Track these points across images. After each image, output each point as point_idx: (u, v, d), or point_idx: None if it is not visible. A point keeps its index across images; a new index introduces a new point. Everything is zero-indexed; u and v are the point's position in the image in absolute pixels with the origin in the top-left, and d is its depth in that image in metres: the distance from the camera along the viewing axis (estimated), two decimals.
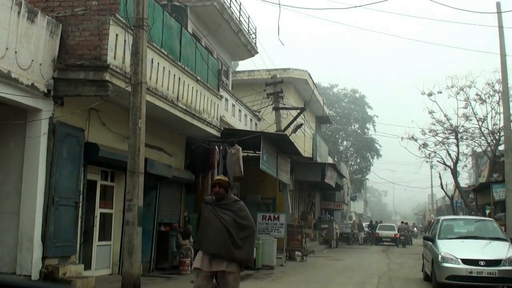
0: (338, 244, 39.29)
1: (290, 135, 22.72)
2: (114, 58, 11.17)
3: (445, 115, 29.75)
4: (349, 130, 69.13)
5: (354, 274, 17.45)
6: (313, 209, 36.75)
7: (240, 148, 16.59)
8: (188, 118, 15.51)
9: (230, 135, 17.61)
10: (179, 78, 14.70)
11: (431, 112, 29.84)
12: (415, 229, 54.64)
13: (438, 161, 31.22)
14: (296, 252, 22.92)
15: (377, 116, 69.61)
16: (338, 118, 68.68)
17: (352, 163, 68.82)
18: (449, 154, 30.82)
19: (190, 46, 15.73)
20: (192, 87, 15.67)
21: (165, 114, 14.61)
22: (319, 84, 66.05)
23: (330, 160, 33.95)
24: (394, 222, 76.56)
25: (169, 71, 14.00)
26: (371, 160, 68.92)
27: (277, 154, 20.99)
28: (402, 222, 42.14)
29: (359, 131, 69.02)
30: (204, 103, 16.70)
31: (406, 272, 18.79)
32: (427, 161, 69.89)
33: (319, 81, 69.98)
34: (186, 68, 15.05)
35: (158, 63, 13.27)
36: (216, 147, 15.69)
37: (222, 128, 18.01)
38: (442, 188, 38.99)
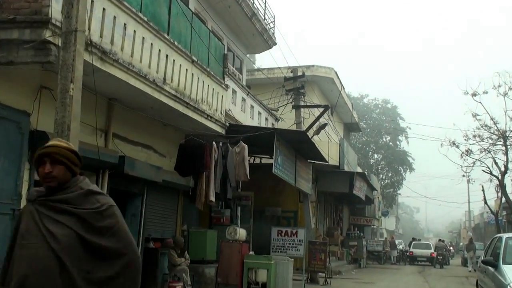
0: (368, 263, 35.67)
1: (312, 137, 19.47)
2: (61, 12, 8.16)
3: (492, 118, 26.15)
4: (380, 142, 65.55)
5: None
6: (340, 225, 33.29)
7: (246, 146, 13.42)
8: (180, 108, 12.44)
9: (236, 132, 14.45)
10: (167, 56, 11.64)
11: (475, 116, 26.26)
12: (451, 248, 50.53)
13: (483, 170, 27.52)
14: (319, 274, 19.57)
15: (409, 128, 65.92)
16: (368, 130, 65.43)
17: (383, 177, 65.16)
18: (496, 163, 27.10)
19: (183, 19, 12.68)
20: (186, 70, 12.60)
21: (149, 100, 11.58)
22: (349, 94, 62.95)
23: (359, 170, 30.50)
24: (426, 240, 72.04)
25: (152, 44, 10.94)
26: (403, 174, 65.17)
27: (296, 158, 17.76)
28: (440, 240, 38.28)
29: (390, 143, 65.42)
30: (203, 91, 13.62)
31: None
32: (464, 175, 65.85)
33: (349, 91, 66.78)
34: (177, 44, 12.00)
35: (134, 31, 10.22)
36: (214, 142, 12.53)
37: (228, 124, 14.92)
38: (486, 203, 35.16)
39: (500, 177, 26.65)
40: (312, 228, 20.50)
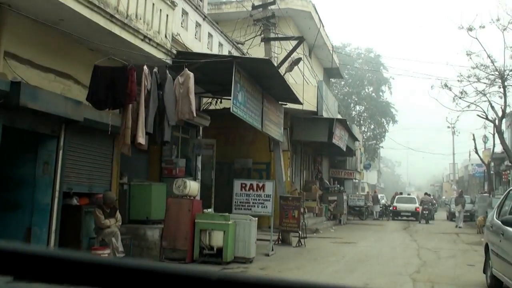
0: (349, 219, 33.30)
1: (284, 74, 16.47)
2: None
3: (489, 56, 23.18)
4: (362, 94, 62.77)
5: (373, 273, 11.41)
6: (319, 178, 30.66)
7: (192, 75, 10.35)
8: (101, 21, 9.35)
9: (185, 60, 11.38)
10: None
11: (469, 54, 23.29)
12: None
13: (478, 115, 24.70)
14: (292, 234, 16.91)
15: (393, 78, 63.24)
16: (350, 81, 62.61)
17: (366, 130, 62.78)
18: (492, 107, 24.31)
19: None
20: None
21: (53, 6, 8.48)
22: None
23: (339, 117, 27.65)
24: (408, 194, 70.28)
25: None
26: (386, 126, 62.83)
27: (263, 97, 14.81)
28: (426, 193, 35.89)
29: (373, 94, 62.75)
30: (137, 5, 10.52)
31: (450, 268, 12.65)
32: (449, 126, 63.46)
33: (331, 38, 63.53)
34: None
35: None
36: (145, 67, 9.45)
37: (175, 52, 11.85)
38: (477, 152, 32.76)
39: (497, 122, 23.88)
40: (284, 181, 17.69)
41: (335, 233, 22.85)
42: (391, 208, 37.05)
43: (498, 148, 32.59)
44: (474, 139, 32.66)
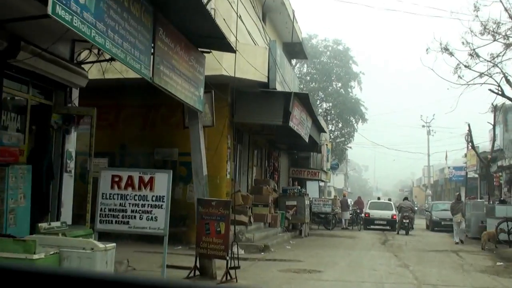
0: (312, 229, 27.07)
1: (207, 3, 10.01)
2: None
3: (506, 9, 16.77)
4: (329, 89, 56.78)
5: None
6: (275, 178, 24.36)
7: None
8: None
9: None
10: None
11: (477, 9, 16.99)
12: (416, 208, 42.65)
13: (490, 90, 18.31)
14: (215, 262, 10.50)
15: (363, 73, 57.60)
16: (316, 76, 56.73)
17: (333, 129, 56.99)
18: (508, 80, 17.86)
19: None
20: None
21: None
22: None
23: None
24: (374, 199, 64.55)
25: None
26: (355, 125, 57.07)
27: (156, 23, 8.32)
28: (406, 198, 29.82)
29: (341, 90, 56.89)
30: None
31: None
32: (424, 125, 58.10)
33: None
34: None
35: None
36: None
37: None
38: (473, 147, 26.96)
39: None
40: (205, 175, 11.25)
41: (292, 251, 16.50)
42: (362, 215, 30.92)
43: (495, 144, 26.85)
44: (469, 131, 26.85)
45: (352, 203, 35.38)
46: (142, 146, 16.74)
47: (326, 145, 32.83)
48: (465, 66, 17.27)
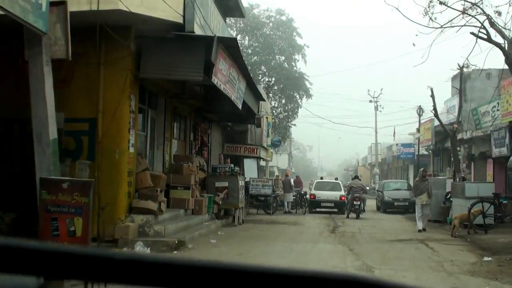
0: (250, 214, 23.35)
1: None
2: None
3: None
4: (272, 63, 52.87)
5: None
6: (204, 155, 20.26)
7: None
8: None
9: None
10: None
11: None
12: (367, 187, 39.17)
13: (472, 32, 14.23)
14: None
15: (307, 46, 53.95)
16: (258, 49, 52.81)
17: (276, 105, 53.38)
18: (492, 22, 13.78)
19: None
20: None
21: None
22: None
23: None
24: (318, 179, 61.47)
25: None
26: (299, 101, 53.57)
27: None
28: (356, 177, 26.14)
29: (285, 64, 53.12)
30: None
31: None
32: (371, 100, 55.11)
33: None
34: None
35: None
36: None
37: None
38: (436, 114, 23.58)
39: (506, 47, 13.67)
40: (51, 141, 7.01)
41: (217, 247, 12.53)
42: (307, 196, 27.29)
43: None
44: (432, 95, 23.41)
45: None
46: (16, 110, 12.35)
47: (266, 118, 28.94)
48: (441, 3, 13.48)
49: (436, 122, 30.73)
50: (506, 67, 22.76)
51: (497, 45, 12.93)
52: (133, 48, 12.49)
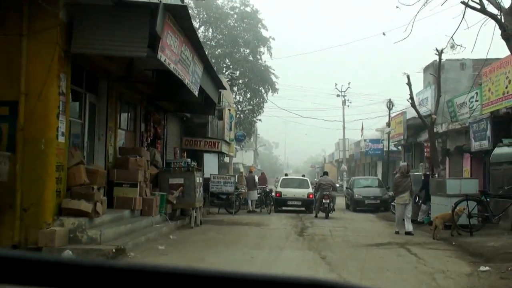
0: (210, 214, 21.44)
1: None
2: None
3: None
4: (237, 56, 50.94)
5: None
6: (157, 147, 18.13)
7: None
8: None
9: None
10: None
11: None
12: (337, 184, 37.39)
13: (463, 2, 12.37)
14: None
15: (273, 39, 52.11)
16: (223, 41, 50.92)
17: (241, 100, 51.57)
18: None
19: None
20: None
21: None
22: None
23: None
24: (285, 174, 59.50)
25: None
26: (264, 95, 51.81)
27: None
28: (326, 173, 24.29)
29: (250, 57, 51.26)
30: None
31: None
32: (339, 94, 53.57)
33: None
34: None
35: None
36: None
37: None
38: (413, 104, 21.93)
39: (502, 18, 11.85)
40: None
41: (164, 255, 10.51)
42: (273, 194, 25.39)
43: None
44: (409, 83, 21.75)
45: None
46: None
47: (229, 109, 26.92)
48: None
49: (409, 115, 29.27)
50: (476, 56, 21.35)
51: (492, 16, 11.20)
52: (63, 18, 10.36)
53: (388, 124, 33.98)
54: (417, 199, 18.43)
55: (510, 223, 13.96)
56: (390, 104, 35.09)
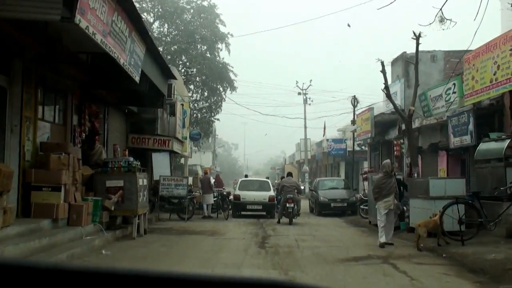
0: (161, 220, 19.02)
1: None
2: None
3: None
4: (193, 53, 48.39)
5: None
6: (95, 143, 15.48)
7: None
8: None
9: None
10: None
11: None
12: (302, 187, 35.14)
13: None
14: None
15: (231, 35, 49.75)
16: (179, 37, 48.35)
17: (199, 98, 49.08)
18: None
19: None
20: None
21: None
22: None
23: None
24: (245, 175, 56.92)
25: None
26: (223, 94, 49.39)
27: None
28: (290, 174, 21.83)
29: (207, 54, 48.84)
30: None
31: None
32: (300, 92, 51.58)
33: None
34: None
35: None
36: None
37: None
38: (388, 94, 19.89)
39: None
40: None
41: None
42: (231, 198, 23.01)
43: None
44: (383, 70, 19.69)
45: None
46: None
47: (182, 105, 24.40)
48: None
49: (376, 112, 27.35)
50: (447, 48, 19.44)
51: None
52: None
53: (353, 122, 32.01)
54: None
55: (506, 229, 11.96)
56: (354, 101, 33.16)
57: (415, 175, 16.95)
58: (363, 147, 37.73)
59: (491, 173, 14.07)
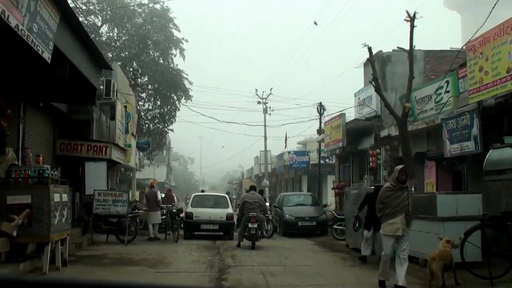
0: (94, 243, 15.40)
1: None
2: None
3: None
4: (145, 59, 44.86)
5: None
6: (5, 147, 11.81)
7: None
8: None
9: None
10: None
11: None
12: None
13: None
14: None
15: (186, 41, 46.47)
16: (130, 42, 44.84)
17: (151, 107, 45.54)
18: None
19: None
20: None
21: None
22: None
23: None
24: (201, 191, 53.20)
25: None
26: (177, 103, 45.89)
27: None
28: (253, 187, 18.15)
29: (160, 60, 45.44)
30: None
31: None
32: (260, 102, 48.52)
33: None
34: None
35: None
36: None
37: None
38: (378, 88, 16.80)
39: None
40: None
41: None
42: (182, 215, 19.47)
43: None
44: (371, 58, 16.43)
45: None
46: None
47: (125, 106, 20.82)
48: None
49: (348, 118, 24.39)
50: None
51: None
52: None
53: (319, 131, 28.97)
54: (356, 224, 13.30)
55: None
56: (321, 108, 30.19)
57: (413, 189, 13.79)
58: (327, 160, 34.82)
59: (507, 187, 11.09)
